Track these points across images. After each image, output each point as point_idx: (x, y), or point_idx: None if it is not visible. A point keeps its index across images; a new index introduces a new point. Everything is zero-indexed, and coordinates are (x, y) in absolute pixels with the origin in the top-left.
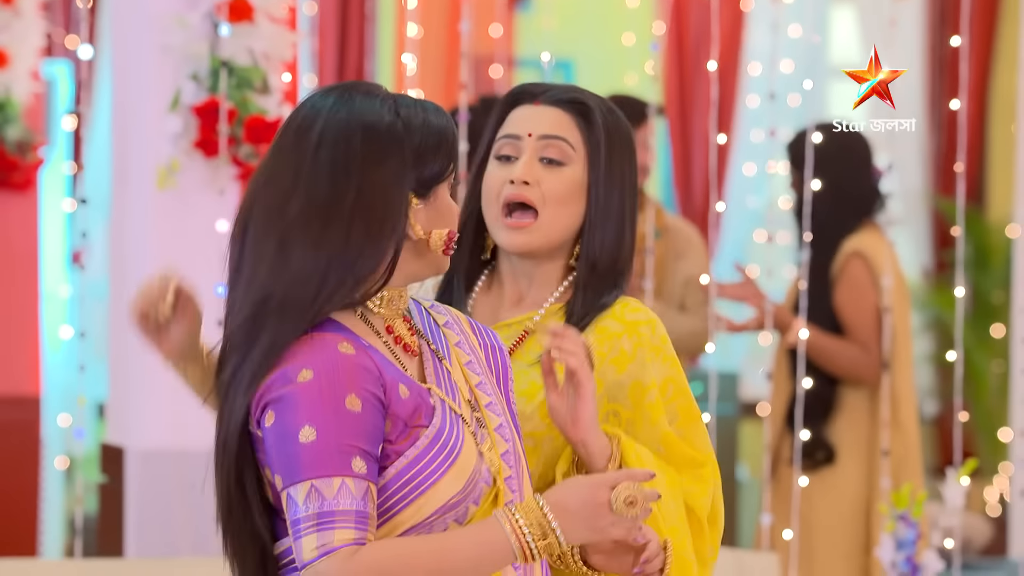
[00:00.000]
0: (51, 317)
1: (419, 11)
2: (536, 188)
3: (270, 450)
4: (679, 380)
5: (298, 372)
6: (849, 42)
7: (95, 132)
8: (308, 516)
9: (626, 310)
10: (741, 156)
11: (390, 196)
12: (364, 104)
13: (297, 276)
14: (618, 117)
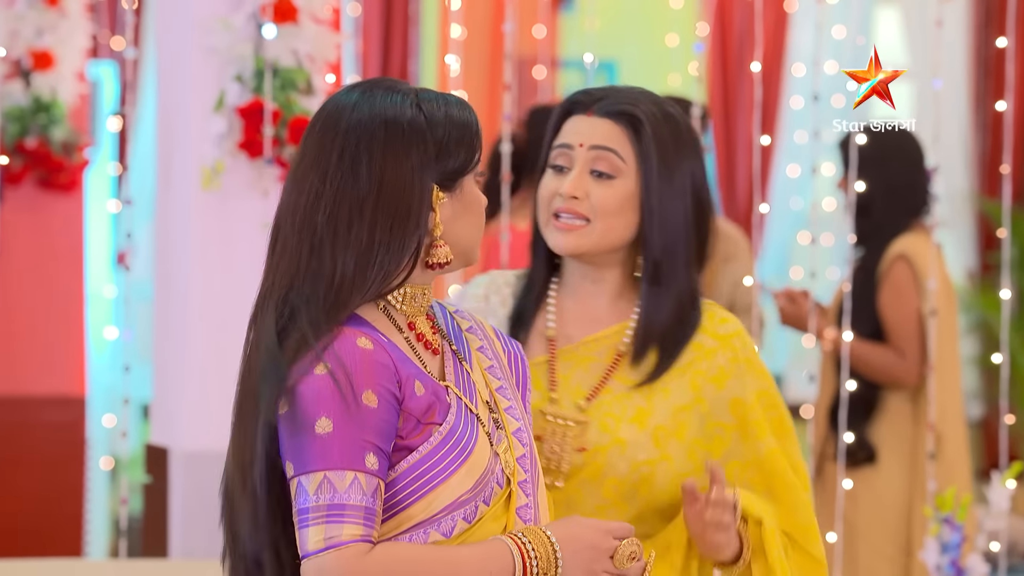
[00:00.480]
0: (96, 318)
1: (462, 12)
2: (585, 202)
3: (283, 438)
4: (771, 391)
5: (315, 364)
6: (894, 43)
7: (140, 133)
8: (318, 506)
9: (717, 323)
10: (785, 157)
11: (413, 190)
12: (385, 100)
13: (330, 278)
14: (676, 124)
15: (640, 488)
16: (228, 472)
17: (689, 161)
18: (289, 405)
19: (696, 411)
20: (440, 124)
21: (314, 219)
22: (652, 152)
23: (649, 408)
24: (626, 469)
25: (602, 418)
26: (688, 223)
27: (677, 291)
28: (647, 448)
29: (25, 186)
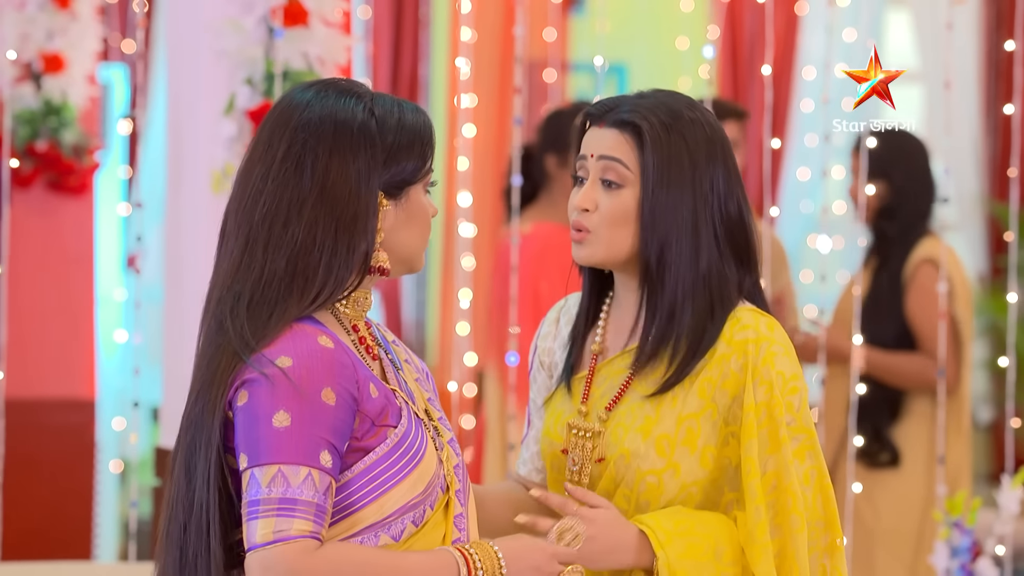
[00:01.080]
0: (106, 321)
1: (473, 15)
2: (595, 213)
3: (239, 429)
4: (774, 403)
5: (276, 357)
6: (904, 46)
7: (150, 136)
8: (269, 499)
9: (735, 328)
10: (795, 161)
11: (358, 194)
12: (339, 101)
13: (258, 276)
14: (686, 131)
15: (650, 498)
16: (175, 466)
17: (702, 168)
18: (248, 397)
19: (707, 418)
20: (391, 131)
21: (252, 216)
22: (650, 161)
23: (656, 417)
24: (633, 479)
25: (615, 428)
26: (692, 231)
27: (680, 299)
28: (650, 458)
29: (35, 189)
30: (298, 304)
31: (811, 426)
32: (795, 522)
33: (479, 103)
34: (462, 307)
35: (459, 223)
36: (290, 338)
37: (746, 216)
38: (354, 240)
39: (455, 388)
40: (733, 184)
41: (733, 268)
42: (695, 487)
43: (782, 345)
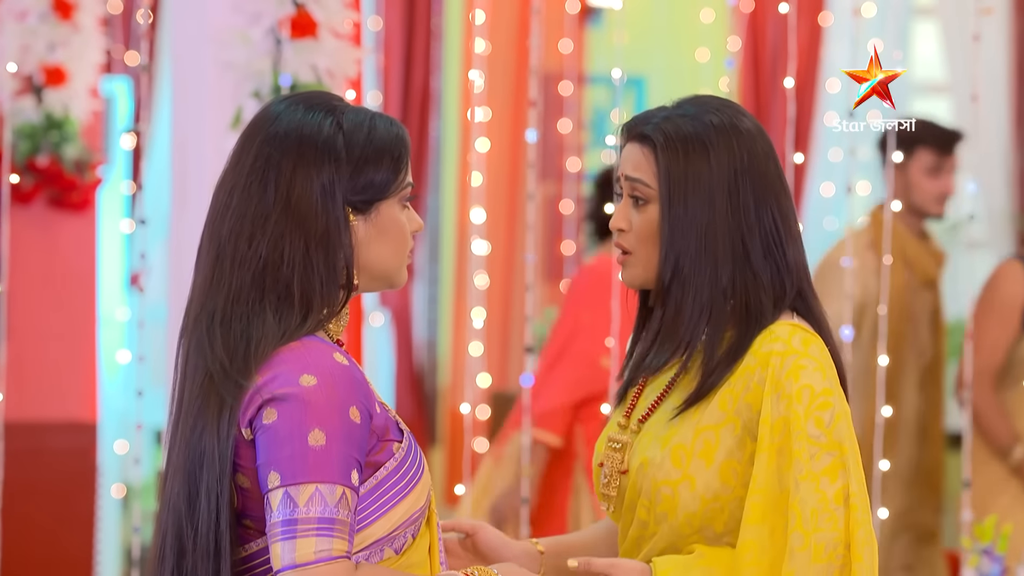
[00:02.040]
0: (108, 341)
1: (487, 27)
2: (630, 233)
3: (268, 447)
4: (794, 421)
5: (299, 375)
6: (931, 58)
7: (154, 151)
8: (308, 518)
9: (765, 340)
10: (819, 176)
11: (325, 209)
12: (307, 115)
13: (226, 293)
14: (709, 144)
15: (667, 510)
16: (170, 491)
17: (723, 179)
18: (278, 415)
19: (728, 431)
20: (358, 145)
21: (221, 231)
22: (664, 176)
23: (677, 428)
24: (649, 489)
25: (642, 439)
26: (709, 245)
27: (695, 314)
28: (665, 468)
29: (36, 205)
30: (282, 322)
31: (845, 443)
32: (796, 540)
33: (493, 117)
34: (475, 326)
35: (472, 240)
36: (306, 355)
37: (781, 226)
38: (331, 257)
39: (468, 410)
40: (766, 192)
41: (769, 282)
42: (717, 503)
43: (814, 360)
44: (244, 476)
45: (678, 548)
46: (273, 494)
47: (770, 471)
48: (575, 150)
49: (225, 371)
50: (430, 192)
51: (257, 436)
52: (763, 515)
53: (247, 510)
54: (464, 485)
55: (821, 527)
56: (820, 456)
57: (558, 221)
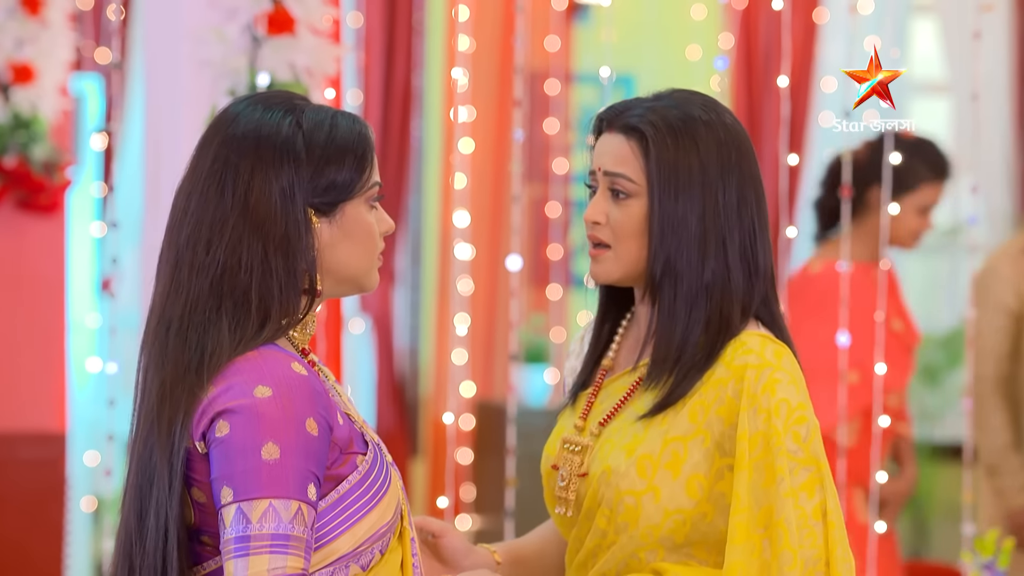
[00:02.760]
0: (78, 348)
1: (471, 23)
2: (606, 227)
3: (221, 461)
4: (772, 437)
5: (254, 387)
6: (930, 56)
7: (126, 151)
8: (261, 535)
9: (738, 351)
10: (814, 178)
11: (285, 213)
12: (265, 115)
13: (184, 301)
14: (697, 137)
15: (628, 520)
16: (125, 508)
17: (713, 175)
18: (230, 428)
19: (697, 444)
20: (318, 146)
21: (179, 237)
22: (655, 171)
23: (643, 436)
24: (612, 498)
25: (603, 444)
26: (700, 241)
27: (682, 312)
28: (630, 477)
29: (3, 208)
30: (238, 330)
31: (821, 458)
32: (785, 558)
33: (477, 116)
34: (459, 333)
35: (456, 244)
36: (262, 366)
37: (758, 228)
38: (291, 262)
39: (451, 420)
40: (748, 191)
41: (740, 284)
42: (680, 515)
43: (788, 373)
44: (200, 491)
45: (638, 558)
46: (226, 510)
47: (751, 488)
48: (562, 151)
49: (177, 383)
50: (412, 194)
51: (211, 450)
52: (747, 534)
53: (204, 526)
54: (447, 497)
55: (804, 543)
56: (798, 471)
57: (544, 224)
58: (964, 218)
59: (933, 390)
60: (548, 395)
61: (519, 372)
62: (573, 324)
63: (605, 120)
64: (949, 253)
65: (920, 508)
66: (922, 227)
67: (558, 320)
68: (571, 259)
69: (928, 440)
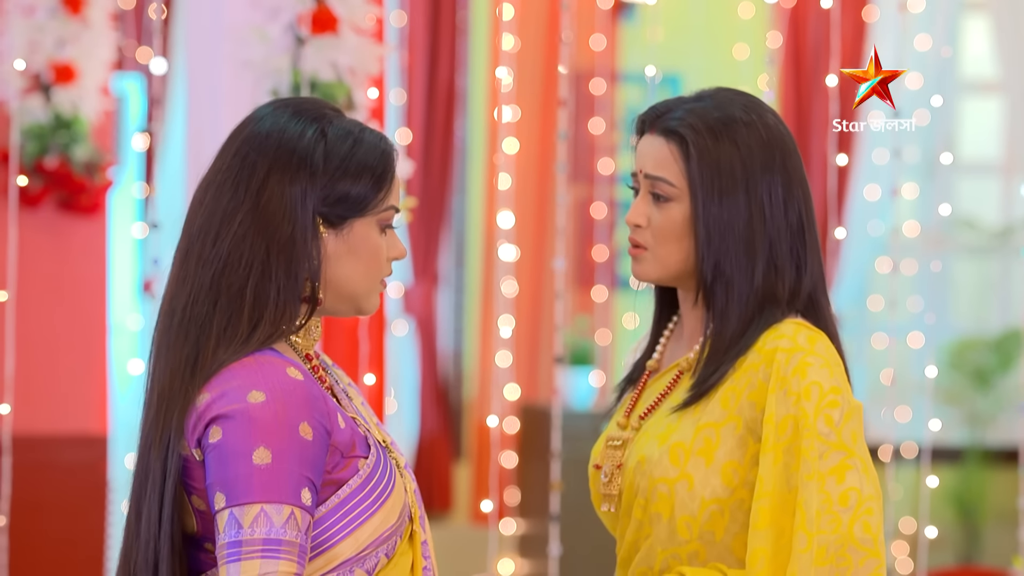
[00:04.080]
0: (120, 350)
1: (516, 22)
2: (647, 230)
3: (214, 466)
4: (802, 420)
5: (247, 392)
6: (982, 55)
7: (168, 152)
8: (252, 540)
9: (770, 337)
10: (863, 178)
11: (294, 218)
12: (291, 121)
13: (186, 294)
14: (738, 138)
15: (662, 510)
16: (127, 514)
17: (756, 175)
18: (223, 433)
19: (729, 430)
20: (337, 156)
21: (192, 227)
22: (697, 174)
23: (676, 425)
24: (646, 487)
25: (641, 436)
26: (747, 243)
27: (733, 314)
28: (663, 465)
29: (45, 209)
30: (228, 330)
31: (854, 444)
32: (800, 541)
33: (521, 116)
34: (503, 336)
35: (500, 245)
36: (256, 371)
37: (806, 225)
38: (293, 266)
39: (495, 424)
40: (794, 189)
41: (786, 281)
42: (716, 505)
43: (821, 357)
44: (199, 498)
45: (677, 554)
46: (220, 515)
47: (777, 472)
48: (607, 151)
49: (173, 385)
50: (456, 195)
51: (205, 456)
52: (772, 519)
53: (206, 533)
54: (491, 501)
55: (823, 528)
56: (828, 455)
57: (589, 225)
58: (1016, 219)
59: (985, 393)
60: (593, 398)
61: (564, 375)
62: (618, 326)
63: (646, 121)
64: (1001, 255)
65: (972, 513)
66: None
67: (603, 322)
68: (616, 260)
69: (980, 444)
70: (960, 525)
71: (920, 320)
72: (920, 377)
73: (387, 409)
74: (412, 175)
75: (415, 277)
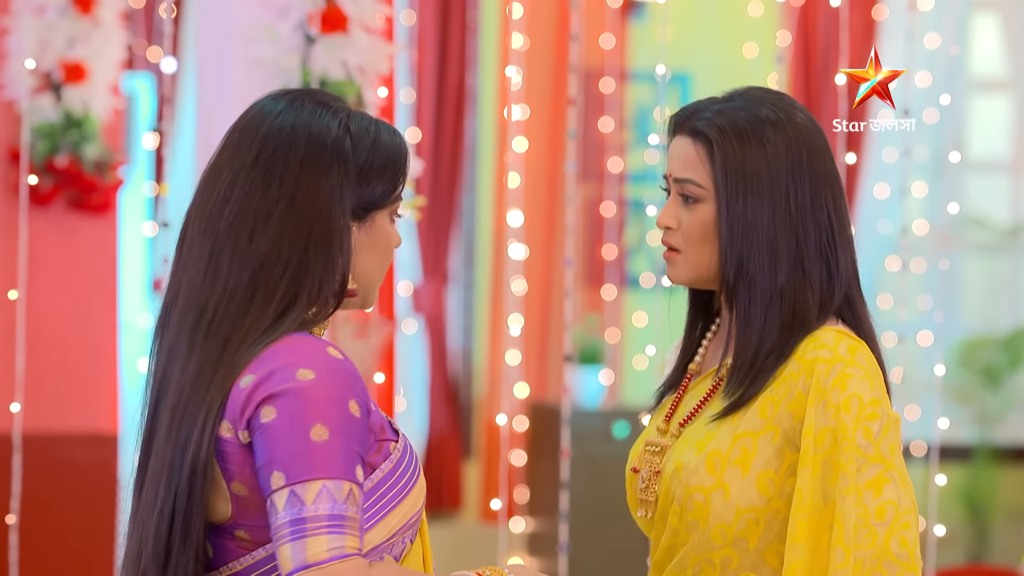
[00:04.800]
0: (130, 349)
1: (525, 21)
2: (677, 232)
3: (269, 446)
4: (842, 432)
5: (295, 370)
6: (992, 54)
7: (178, 151)
8: (317, 516)
9: (810, 346)
10: (872, 177)
11: (331, 212)
12: (313, 114)
13: (221, 290)
14: (764, 138)
15: (698, 518)
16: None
17: (781, 176)
18: (277, 412)
19: (767, 440)
20: (365, 150)
21: (217, 224)
22: (721, 174)
23: (714, 434)
24: (682, 495)
25: (680, 443)
26: (770, 243)
27: (756, 316)
28: (699, 473)
29: (55, 207)
30: (261, 318)
31: (892, 457)
32: (837, 555)
33: (531, 115)
34: (512, 334)
35: (509, 244)
36: (299, 350)
37: (835, 225)
38: (331, 260)
39: (504, 422)
40: (822, 190)
41: (818, 283)
42: (752, 514)
43: (862, 368)
44: (241, 484)
45: (712, 563)
46: (278, 495)
47: (815, 485)
48: (617, 150)
49: (209, 374)
50: (465, 194)
51: (255, 437)
52: (809, 532)
53: (241, 519)
54: (501, 499)
55: (860, 543)
56: (866, 468)
57: (599, 224)
58: None
59: (994, 392)
60: (602, 396)
61: (573, 373)
62: (628, 325)
63: (677, 123)
64: (1010, 253)
65: (981, 511)
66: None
67: (613, 321)
68: (626, 259)
69: (989, 442)
70: (969, 523)
71: (929, 318)
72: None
73: (396, 407)
74: (422, 174)
75: (424, 276)
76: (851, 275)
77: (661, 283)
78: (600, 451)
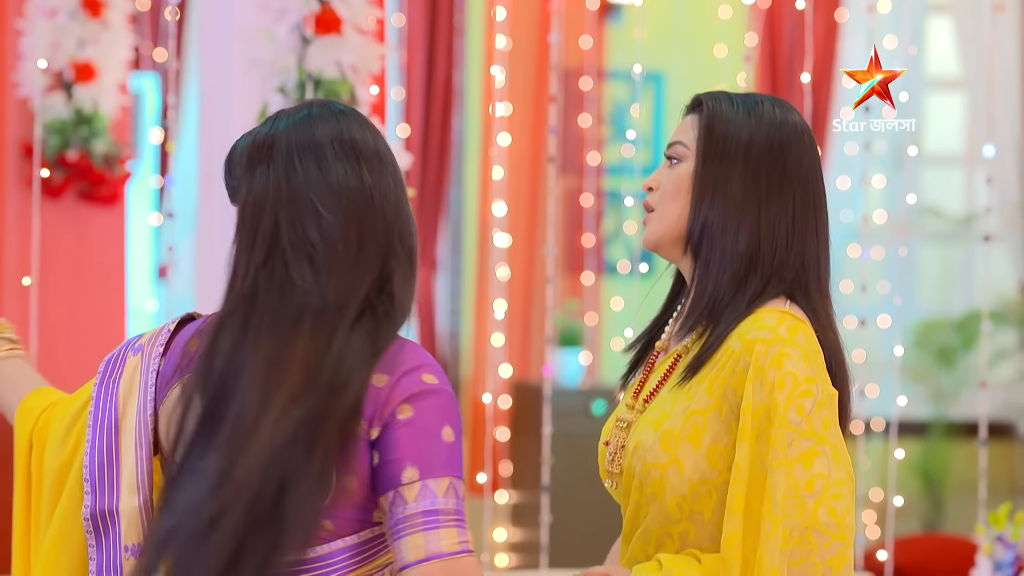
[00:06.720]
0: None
1: (508, 23)
2: (657, 192)
3: (404, 442)
4: (775, 410)
5: (422, 373)
6: (946, 53)
7: (182, 145)
8: (447, 510)
9: (753, 326)
10: (835, 170)
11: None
12: (353, 120)
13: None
14: (752, 114)
15: (656, 491)
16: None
17: (760, 150)
18: (414, 411)
19: (715, 416)
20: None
21: (377, 232)
22: (703, 134)
23: (669, 411)
24: (641, 470)
25: (642, 419)
26: (737, 206)
27: (715, 277)
28: (655, 451)
29: (66, 199)
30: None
31: (825, 432)
32: (767, 525)
33: (514, 112)
34: (497, 318)
35: (494, 233)
36: (417, 354)
37: (798, 218)
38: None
39: (489, 400)
40: (795, 182)
41: (769, 261)
42: (704, 486)
43: (800, 348)
44: (353, 477)
45: (670, 533)
46: (408, 488)
47: (751, 459)
48: (595, 144)
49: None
50: (452, 186)
51: (387, 433)
52: (745, 504)
53: (335, 510)
54: (486, 473)
55: (788, 513)
56: (797, 442)
57: (578, 214)
58: (978, 208)
59: (948, 371)
60: (581, 376)
61: (554, 354)
62: (606, 309)
63: (688, 105)
64: (963, 241)
65: (936, 483)
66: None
67: (591, 305)
68: (604, 247)
69: (943, 418)
70: (925, 494)
71: (888, 302)
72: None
73: None
74: (411, 167)
75: None
76: (811, 263)
77: (637, 270)
78: (579, 427)
